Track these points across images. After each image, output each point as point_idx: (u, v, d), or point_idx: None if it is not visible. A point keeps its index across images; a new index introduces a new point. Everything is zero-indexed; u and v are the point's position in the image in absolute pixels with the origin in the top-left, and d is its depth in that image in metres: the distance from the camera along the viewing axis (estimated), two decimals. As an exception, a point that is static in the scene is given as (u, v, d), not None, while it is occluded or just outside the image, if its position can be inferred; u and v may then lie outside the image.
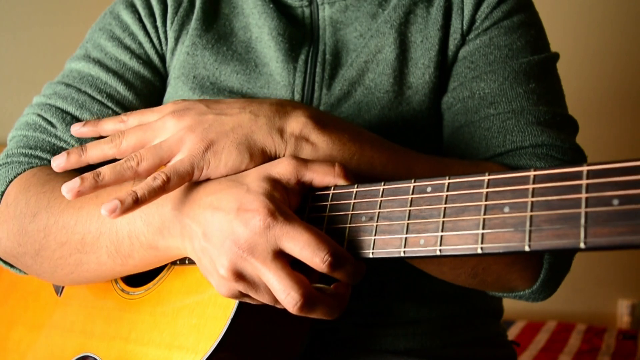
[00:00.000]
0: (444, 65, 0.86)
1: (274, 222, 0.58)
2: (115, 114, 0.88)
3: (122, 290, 0.82)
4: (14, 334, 0.94)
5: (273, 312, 0.72)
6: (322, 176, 0.64)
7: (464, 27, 0.86)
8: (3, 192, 0.82)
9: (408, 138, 0.84)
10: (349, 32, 0.88)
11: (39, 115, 0.88)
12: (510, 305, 1.04)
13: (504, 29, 0.85)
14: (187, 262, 0.75)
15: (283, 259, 0.58)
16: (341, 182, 0.64)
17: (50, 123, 0.87)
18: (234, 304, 0.68)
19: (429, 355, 0.84)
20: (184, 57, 0.90)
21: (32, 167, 0.83)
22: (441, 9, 0.87)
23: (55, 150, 0.86)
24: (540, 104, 0.80)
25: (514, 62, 0.83)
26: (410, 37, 0.87)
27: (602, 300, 2.49)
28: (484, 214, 0.53)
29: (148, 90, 0.92)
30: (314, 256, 0.57)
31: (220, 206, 0.61)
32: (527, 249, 0.49)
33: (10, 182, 0.82)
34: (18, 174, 0.82)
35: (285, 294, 0.57)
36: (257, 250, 0.58)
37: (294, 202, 0.64)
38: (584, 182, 0.48)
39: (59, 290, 0.91)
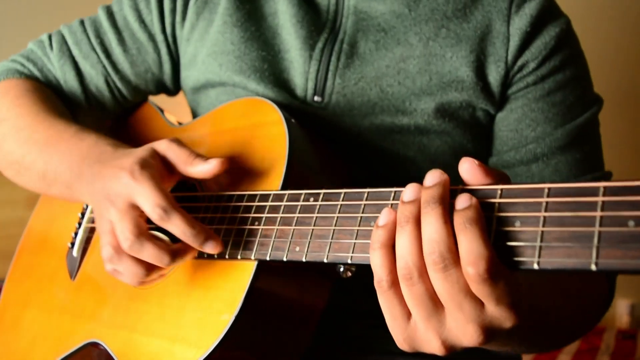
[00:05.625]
0: (474, 85, 0.84)
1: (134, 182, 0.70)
2: (99, 61, 0.98)
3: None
4: (28, 314, 0.95)
5: (278, 310, 0.71)
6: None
7: (509, 57, 0.84)
8: None
9: (420, 149, 0.85)
10: (371, 25, 0.87)
11: (49, 36, 1.00)
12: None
13: (560, 83, 0.85)
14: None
15: (134, 210, 0.70)
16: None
17: (50, 46, 0.99)
18: (239, 301, 0.67)
19: (436, 357, 0.82)
20: (216, 36, 0.92)
21: (23, 75, 0.97)
22: (478, 32, 0.85)
23: (44, 71, 0.98)
24: (589, 171, 0.86)
25: (570, 123, 0.85)
26: (439, 51, 0.85)
27: (601, 300, 2.42)
28: (495, 227, 0.51)
29: (137, 50, 0.97)
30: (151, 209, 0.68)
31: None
32: (535, 267, 0.47)
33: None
34: (6, 78, 0.96)
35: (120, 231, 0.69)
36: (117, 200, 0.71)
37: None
38: (600, 199, 0.45)
39: (72, 274, 0.92)
